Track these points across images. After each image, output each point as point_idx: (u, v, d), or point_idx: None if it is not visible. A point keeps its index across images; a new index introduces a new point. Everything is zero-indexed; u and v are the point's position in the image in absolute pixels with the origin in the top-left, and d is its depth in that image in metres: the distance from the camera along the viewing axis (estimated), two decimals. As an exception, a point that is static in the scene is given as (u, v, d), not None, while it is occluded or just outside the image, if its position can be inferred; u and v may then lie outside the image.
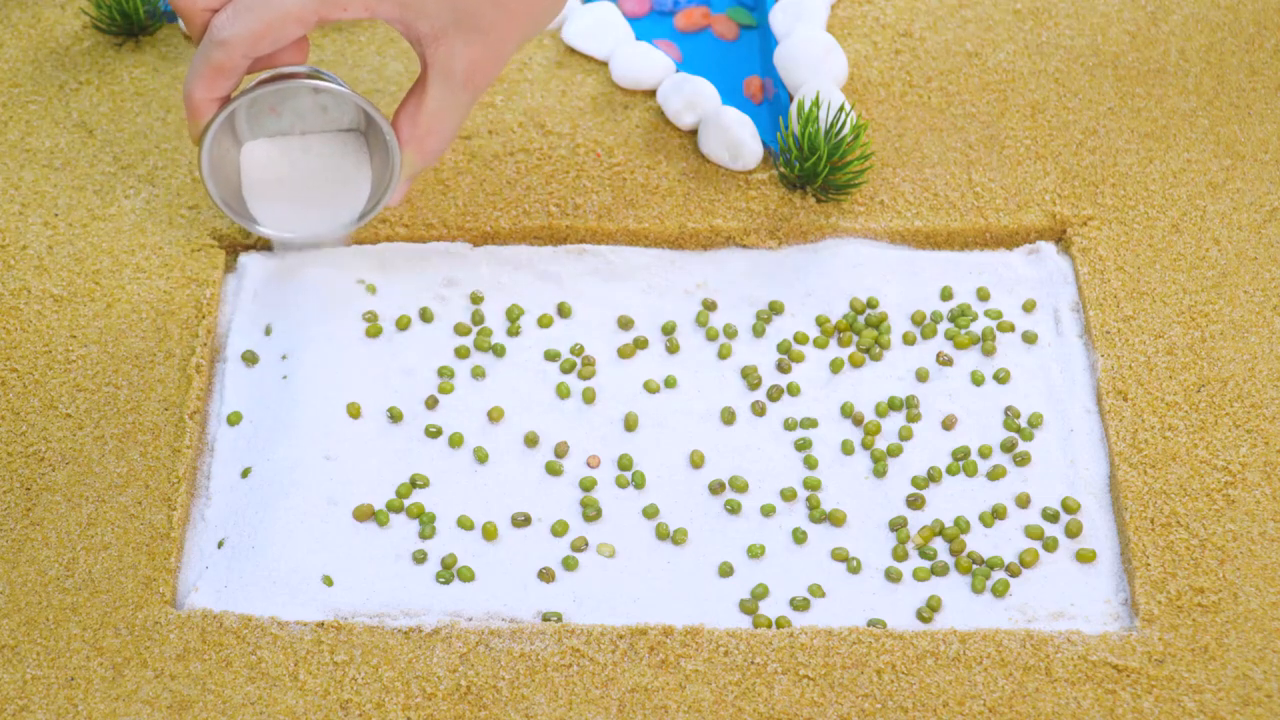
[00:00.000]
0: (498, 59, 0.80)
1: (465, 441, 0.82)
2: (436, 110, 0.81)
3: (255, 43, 0.77)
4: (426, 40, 0.79)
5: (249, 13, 0.77)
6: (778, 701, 0.73)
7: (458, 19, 0.78)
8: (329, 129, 0.83)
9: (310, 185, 0.83)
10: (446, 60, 0.80)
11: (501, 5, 0.79)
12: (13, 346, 0.83)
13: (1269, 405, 0.81)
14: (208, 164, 0.81)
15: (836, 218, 0.89)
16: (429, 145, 0.82)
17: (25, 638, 0.74)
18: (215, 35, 0.77)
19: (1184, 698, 0.73)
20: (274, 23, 0.77)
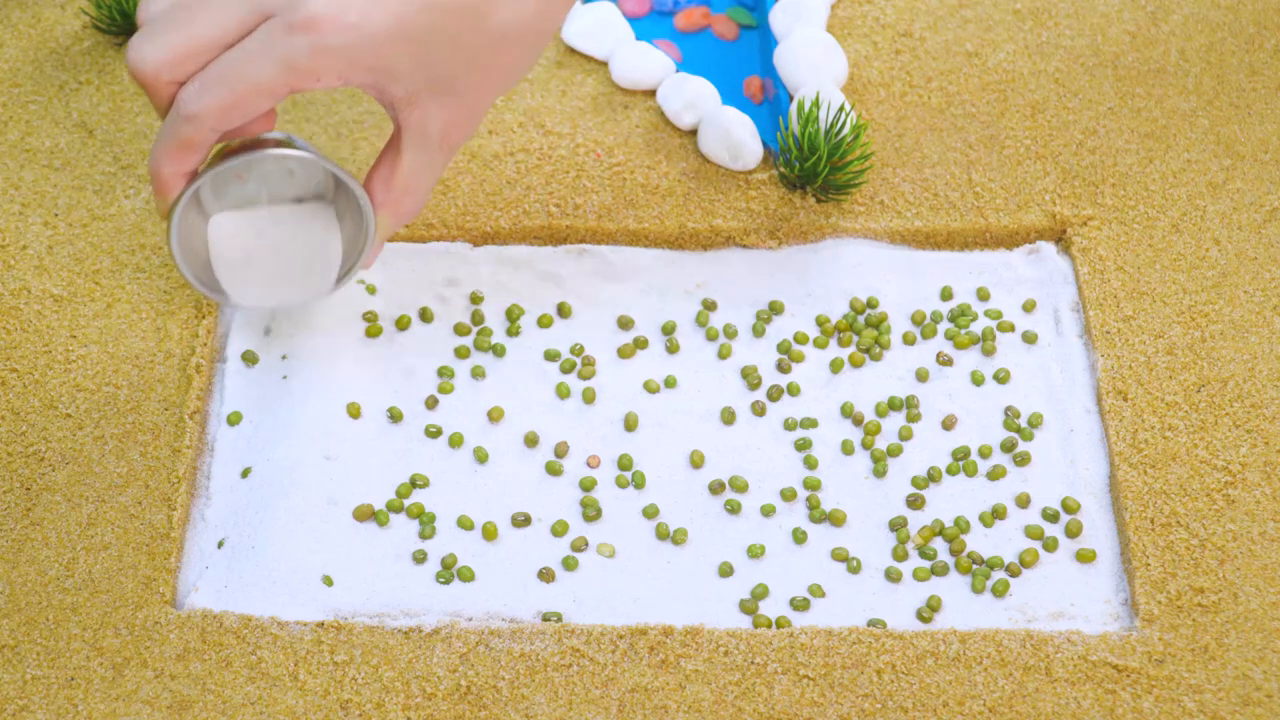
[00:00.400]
0: (472, 118, 0.79)
1: (465, 441, 0.82)
2: (411, 172, 0.79)
3: (225, 116, 0.74)
4: (400, 104, 0.77)
5: (218, 85, 0.74)
6: (778, 701, 0.73)
7: (431, 81, 0.76)
8: (297, 193, 0.80)
9: (281, 255, 0.80)
10: (421, 123, 0.77)
11: (476, 65, 0.77)
12: (13, 346, 0.83)
13: (1269, 405, 0.81)
14: (177, 239, 0.77)
15: (836, 218, 0.89)
16: (404, 207, 0.79)
17: (25, 638, 0.74)
18: (183, 109, 0.74)
19: (1184, 698, 0.73)
20: (244, 95, 0.74)
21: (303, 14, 0.73)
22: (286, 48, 0.73)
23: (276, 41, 0.73)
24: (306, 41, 0.73)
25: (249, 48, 0.73)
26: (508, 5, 0.76)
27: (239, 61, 0.73)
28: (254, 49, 0.73)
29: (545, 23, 0.78)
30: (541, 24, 0.78)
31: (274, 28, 0.73)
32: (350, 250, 0.80)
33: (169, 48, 0.74)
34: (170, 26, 0.74)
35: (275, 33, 0.73)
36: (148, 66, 0.74)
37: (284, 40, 0.73)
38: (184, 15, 0.74)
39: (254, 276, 0.80)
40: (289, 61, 0.73)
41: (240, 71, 0.74)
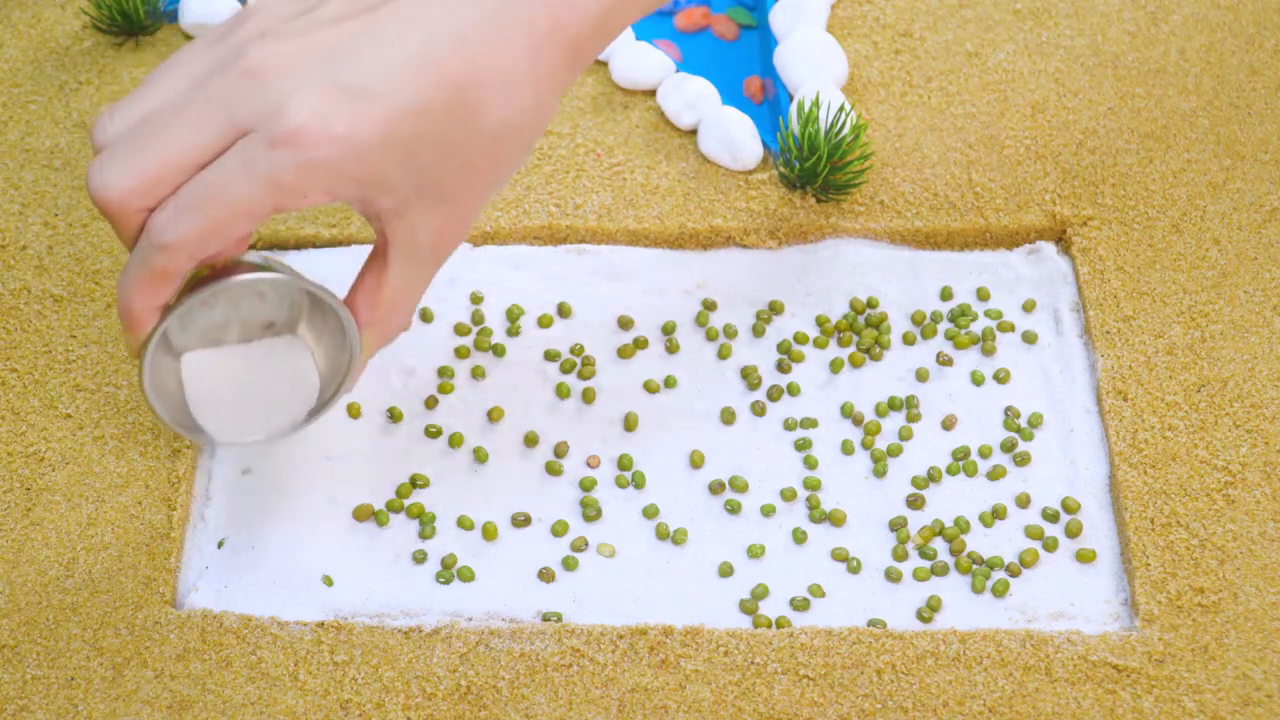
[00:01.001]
0: (464, 224, 0.72)
1: (465, 441, 0.82)
2: (399, 287, 0.72)
3: (203, 244, 0.67)
4: (387, 215, 0.70)
5: (193, 211, 0.67)
6: (778, 701, 0.73)
7: (421, 189, 0.70)
8: (269, 315, 0.74)
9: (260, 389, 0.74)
10: (409, 234, 0.71)
11: (467, 169, 0.70)
12: (13, 346, 0.83)
13: (1269, 405, 0.81)
14: (149, 378, 0.71)
15: (836, 218, 0.89)
16: (392, 325, 0.73)
17: (25, 638, 0.74)
18: (156, 239, 0.67)
19: (1184, 698, 0.73)
20: (224, 220, 0.67)
21: (285, 127, 0.66)
22: (269, 165, 0.66)
23: (257, 159, 0.66)
24: (291, 157, 0.66)
25: (226, 167, 0.67)
26: (500, 104, 0.69)
27: (216, 183, 0.67)
28: (232, 168, 0.67)
29: (537, 119, 0.71)
30: (533, 120, 0.71)
31: (253, 144, 0.66)
32: (332, 371, 0.74)
33: (136, 172, 0.67)
34: (135, 148, 0.67)
35: (255, 149, 0.66)
36: (113, 193, 0.67)
37: (266, 157, 0.66)
38: (149, 135, 0.68)
39: (233, 413, 0.74)
40: (272, 180, 0.66)
41: (218, 194, 0.67)
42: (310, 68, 0.67)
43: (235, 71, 0.67)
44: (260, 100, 0.67)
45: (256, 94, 0.67)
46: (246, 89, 0.67)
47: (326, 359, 0.74)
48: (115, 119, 0.69)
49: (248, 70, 0.67)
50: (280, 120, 0.66)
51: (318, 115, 0.66)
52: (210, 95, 0.67)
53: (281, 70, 0.67)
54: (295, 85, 0.67)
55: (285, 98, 0.66)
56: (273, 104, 0.66)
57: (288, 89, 0.66)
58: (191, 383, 0.73)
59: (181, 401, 0.73)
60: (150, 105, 0.69)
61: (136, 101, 0.69)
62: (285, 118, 0.66)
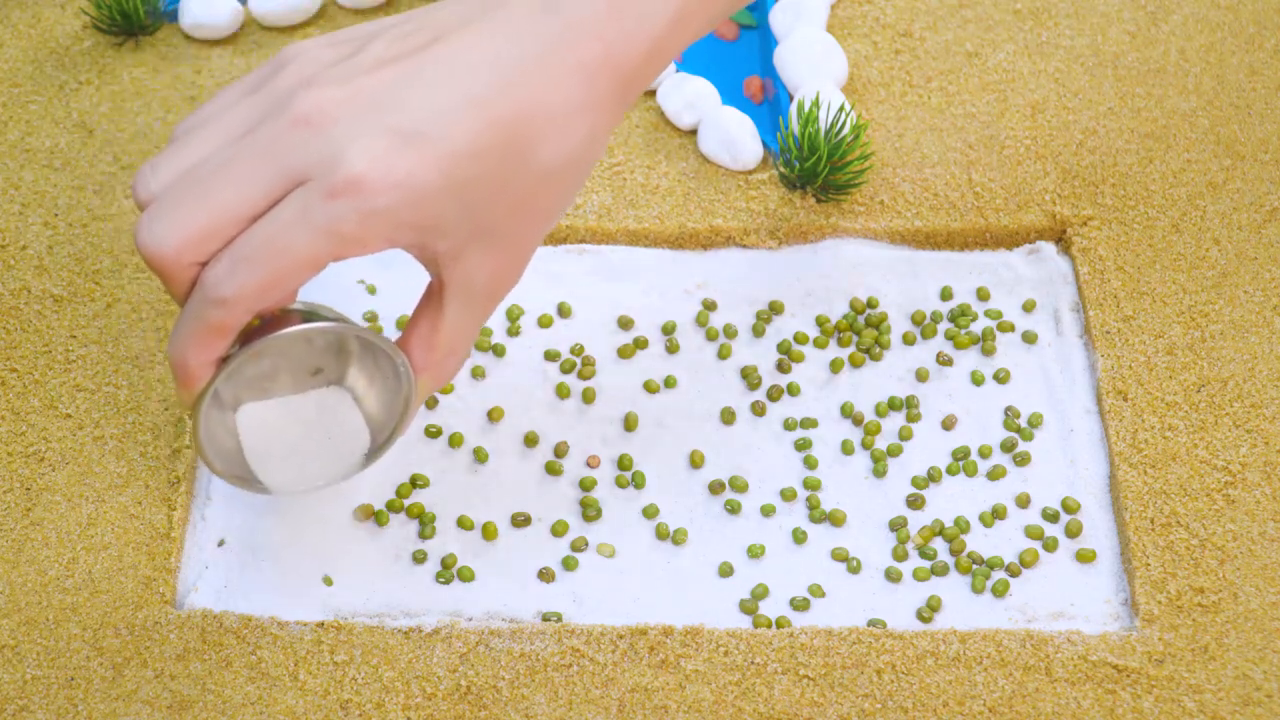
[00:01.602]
0: (519, 264, 0.71)
1: (465, 441, 0.82)
2: (456, 331, 0.71)
3: (261, 297, 0.66)
4: (443, 259, 0.69)
5: (251, 264, 0.65)
6: (778, 701, 0.73)
7: (476, 231, 0.68)
8: (317, 361, 0.73)
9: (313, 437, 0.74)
10: (466, 276, 0.70)
11: (521, 209, 0.69)
12: (13, 346, 0.83)
13: (1269, 405, 0.81)
14: (205, 434, 0.70)
15: (836, 218, 0.89)
16: (447, 367, 0.72)
17: (25, 638, 0.74)
18: (213, 293, 0.65)
19: (1184, 698, 0.73)
20: (282, 273, 0.65)
21: (344, 176, 0.64)
22: (329, 215, 0.65)
23: (316, 209, 0.65)
24: (351, 206, 0.65)
25: (283, 218, 0.65)
26: (553, 142, 0.68)
27: (273, 235, 0.65)
28: (289, 219, 0.65)
29: (590, 154, 0.70)
30: (586, 155, 0.69)
31: (311, 194, 0.65)
32: (385, 413, 0.73)
33: (187, 226, 0.65)
34: (184, 202, 0.66)
35: (313, 199, 0.65)
36: (166, 249, 0.65)
37: (325, 207, 0.65)
38: (199, 188, 0.66)
39: (289, 463, 0.74)
40: (333, 230, 0.65)
41: (277, 246, 0.65)
42: (363, 114, 0.66)
43: (285, 120, 0.66)
44: (315, 149, 0.65)
45: (311, 143, 0.65)
46: (300, 137, 0.65)
47: (379, 401, 0.74)
48: (158, 172, 0.68)
49: (299, 119, 0.65)
50: (339, 169, 0.65)
51: (377, 162, 0.65)
52: (260, 145, 0.66)
53: (335, 117, 0.65)
54: (351, 132, 0.65)
55: (342, 145, 0.65)
56: (329, 152, 0.65)
57: (343, 136, 0.65)
58: (247, 436, 0.72)
59: (235, 453, 0.73)
60: (194, 157, 0.68)
61: (178, 153, 0.68)
62: (344, 166, 0.65)
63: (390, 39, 0.68)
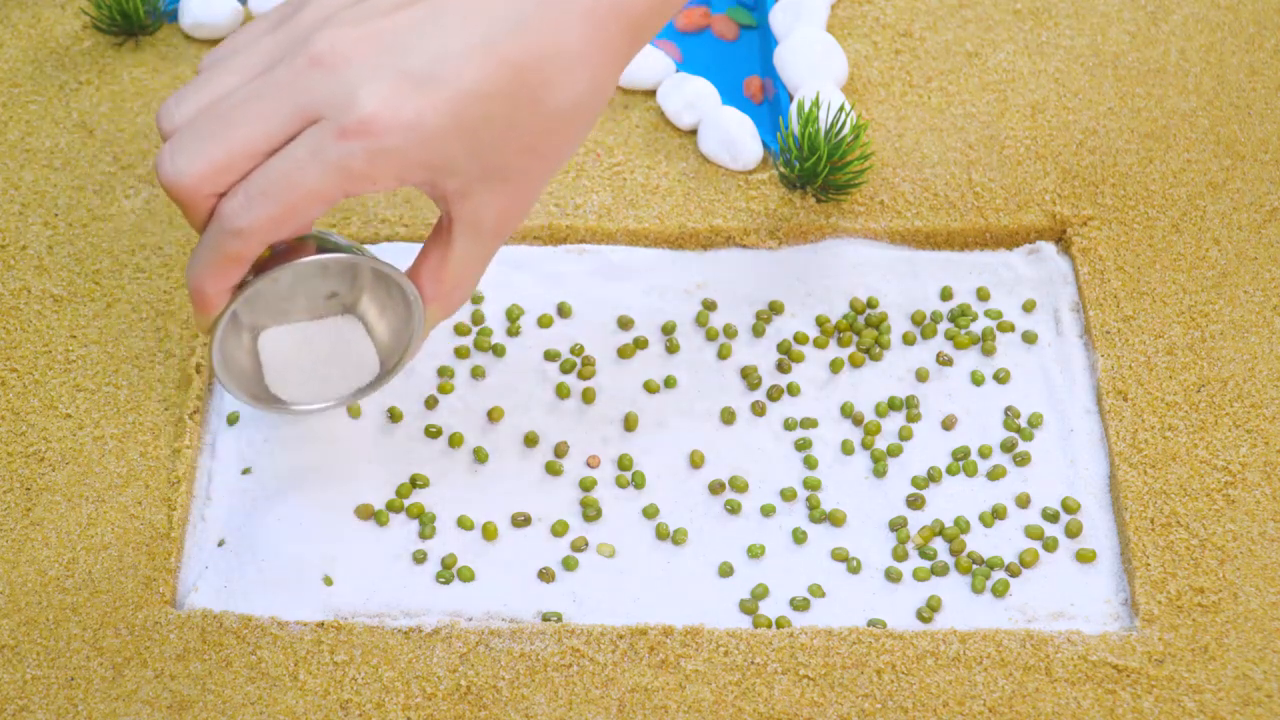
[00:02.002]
0: (526, 203, 0.73)
1: (465, 441, 0.82)
2: (463, 265, 0.74)
3: (275, 229, 0.69)
4: (453, 196, 0.72)
5: (265, 197, 0.68)
6: (778, 701, 0.73)
7: (485, 171, 0.71)
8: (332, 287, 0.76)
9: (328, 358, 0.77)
10: (474, 213, 0.72)
11: (530, 150, 0.71)
12: (13, 346, 0.83)
13: (1269, 405, 0.81)
14: (220, 356, 0.73)
15: (836, 218, 0.89)
16: (454, 299, 0.75)
17: (25, 638, 0.74)
18: (229, 224, 0.68)
19: (1184, 698, 0.73)
20: (295, 206, 0.68)
21: (355, 116, 0.67)
22: (340, 153, 0.68)
23: (328, 147, 0.68)
24: (361, 146, 0.67)
25: (296, 155, 0.68)
26: (562, 86, 0.70)
27: (287, 170, 0.68)
28: (302, 156, 0.68)
29: (598, 98, 0.72)
30: (594, 99, 0.72)
31: (323, 132, 0.68)
32: (395, 339, 0.76)
33: (206, 160, 0.68)
34: (204, 135, 0.69)
35: (325, 137, 0.68)
36: (185, 180, 0.68)
37: (336, 146, 0.68)
38: (218, 123, 0.69)
39: (305, 383, 0.77)
40: (343, 168, 0.68)
41: (290, 181, 0.68)
42: (376, 56, 0.68)
43: (302, 59, 0.68)
44: (329, 89, 0.68)
45: (325, 82, 0.68)
46: (315, 77, 0.68)
47: (389, 328, 0.77)
48: (181, 106, 0.70)
49: (315, 59, 0.68)
50: (350, 109, 0.67)
51: (386, 104, 0.68)
52: (278, 83, 0.69)
53: (349, 58, 0.68)
54: (363, 74, 0.68)
55: (354, 87, 0.68)
56: (342, 93, 0.68)
57: (356, 78, 0.68)
58: (263, 357, 0.76)
59: (252, 374, 0.76)
60: (215, 92, 0.70)
61: (201, 88, 0.71)
62: (355, 107, 0.67)
63: None
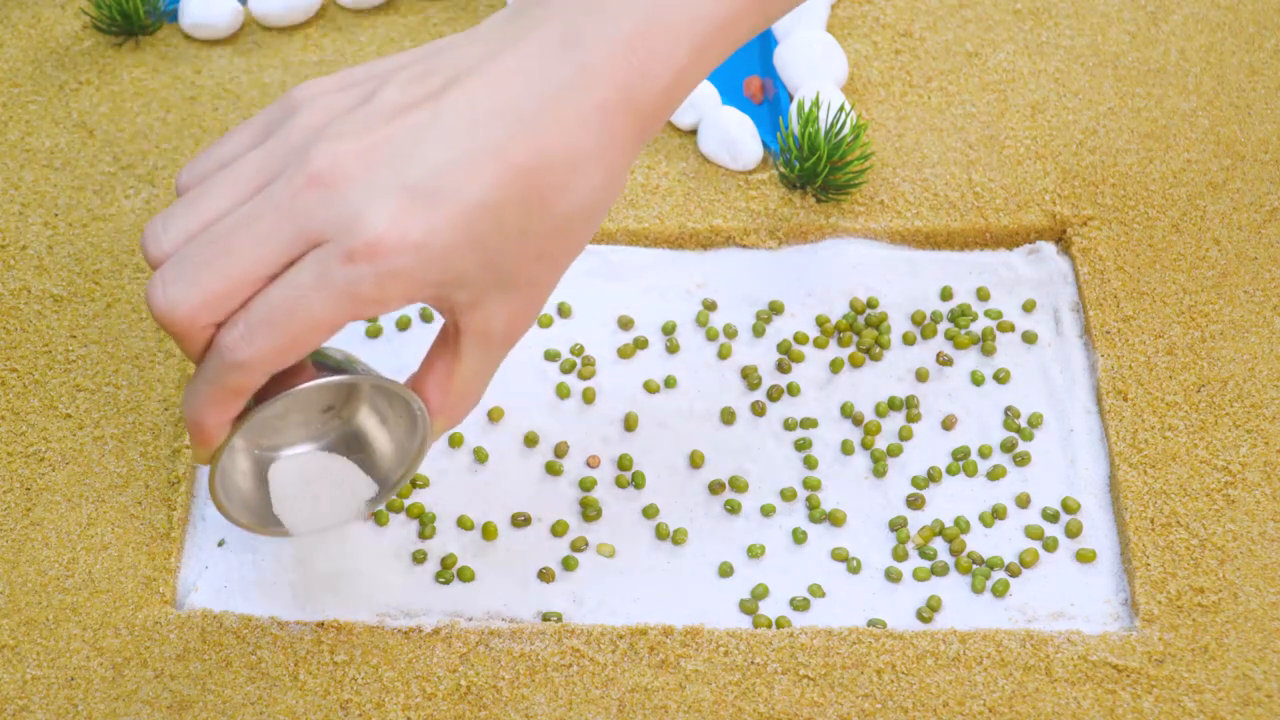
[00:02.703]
0: (536, 308, 0.70)
1: (465, 441, 0.82)
2: (472, 374, 0.71)
3: (280, 360, 0.65)
4: (461, 308, 0.68)
5: (268, 328, 0.65)
6: (778, 701, 0.73)
7: (497, 282, 0.67)
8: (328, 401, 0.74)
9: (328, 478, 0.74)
10: (484, 324, 0.69)
11: (543, 257, 0.68)
12: (13, 346, 0.83)
13: (1269, 405, 0.81)
14: (220, 485, 0.71)
15: (836, 218, 0.89)
16: (461, 410, 0.72)
17: (25, 638, 0.74)
18: (230, 357, 0.65)
19: (1184, 698, 0.73)
20: (300, 335, 0.65)
21: (362, 239, 0.64)
22: (347, 278, 0.64)
23: (334, 272, 0.64)
24: (370, 270, 0.64)
25: (300, 282, 0.64)
26: (574, 188, 0.67)
27: (291, 299, 0.64)
28: (306, 282, 0.64)
29: (610, 195, 0.68)
30: (607, 197, 0.68)
31: (328, 257, 0.64)
32: (399, 450, 0.74)
33: (203, 290, 0.65)
34: (199, 263, 0.65)
35: (331, 262, 0.64)
36: (181, 312, 0.65)
37: (343, 270, 0.64)
38: (212, 250, 0.65)
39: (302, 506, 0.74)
40: (351, 293, 0.64)
41: (294, 310, 0.64)
42: (378, 171, 0.65)
43: (300, 178, 0.65)
44: (332, 210, 0.64)
45: (327, 203, 0.64)
46: (315, 198, 0.64)
47: (391, 438, 0.74)
48: (169, 230, 0.67)
49: (315, 177, 0.64)
50: (356, 231, 0.64)
51: (394, 224, 0.64)
52: (276, 205, 0.65)
53: (350, 176, 0.64)
54: (367, 192, 0.64)
55: (358, 207, 0.64)
56: (346, 214, 0.64)
57: (359, 197, 0.64)
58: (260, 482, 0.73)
59: (249, 497, 0.73)
60: (205, 214, 0.66)
61: (189, 210, 0.67)
62: (361, 229, 0.64)
63: (404, 82, 0.67)
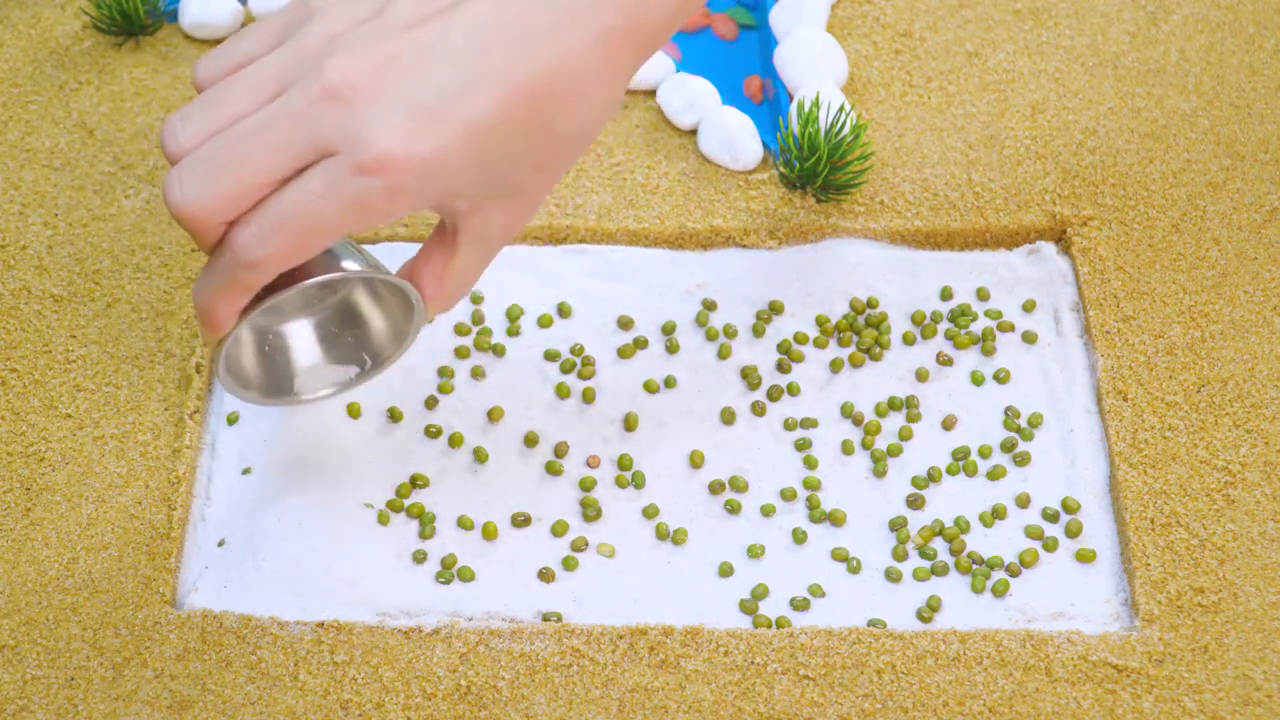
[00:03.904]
0: (531, 212, 0.74)
1: (465, 441, 0.82)
2: (466, 268, 0.74)
3: (289, 260, 0.69)
4: (461, 214, 0.72)
5: (280, 230, 0.68)
6: (778, 701, 0.73)
7: (496, 192, 0.71)
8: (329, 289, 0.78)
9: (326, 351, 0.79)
10: (482, 226, 0.73)
11: (541, 169, 0.72)
12: (13, 346, 0.83)
13: (1269, 405, 0.81)
14: (224, 366, 0.75)
15: (836, 218, 0.89)
16: (454, 299, 0.75)
17: (25, 638, 0.74)
18: (243, 256, 0.68)
19: (1184, 698, 0.73)
20: (310, 239, 0.68)
21: (372, 154, 0.67)
22: (357, 189, 0.67)
23: (344, 182, 0.67)
24: (378, 182, 0.67)
25: (311, 188, 0.67)
26: (575, 109, 0.70)
27: (302, 205, 0.68)
28: (317, 189, 0.67)
29: (608, 114, 0.72)
30: (605, 116, 0.72)
31: (339, 167, 0.67)
32: (391, 330, 0.78)
33: (218, 189, 0.68)
34: (215, 164, 0.68)
35: (341, 172, 0.67)
36: (196, 210, 0.68)
37: (352, 181, 0.67)
38: (230, 152, 0.68)
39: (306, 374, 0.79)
40: (359, 202, 0.67)
41: (305, 214, 0.68)
42: (390, 88, 0.67)
43: (315, 90, 0.67)
44: (344, 123, 0.67)
45: (339, 117, 0.67)
46: (328, 111, 0.67)
47: (384, 317, 0.78)
48: (188, 127, 0.69)
49: (328, 90, 0.67)
50: (367, 146, 0.67)
51: (403, 142, 0.67)
52: (292, 113, 0.68)
53: (362, 91, 0.67)
54: (378, 109, 0.67)
55: (370, 122, 0.67)
56: (357, 128, 0.67)
57: (370, 112, 0.67)
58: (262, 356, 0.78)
59: (251, 371, 0.77)
60: (223, 115, 0.69)
61: (208, 109, 0.69)
62: (372, 144, 0.67)
63: None
